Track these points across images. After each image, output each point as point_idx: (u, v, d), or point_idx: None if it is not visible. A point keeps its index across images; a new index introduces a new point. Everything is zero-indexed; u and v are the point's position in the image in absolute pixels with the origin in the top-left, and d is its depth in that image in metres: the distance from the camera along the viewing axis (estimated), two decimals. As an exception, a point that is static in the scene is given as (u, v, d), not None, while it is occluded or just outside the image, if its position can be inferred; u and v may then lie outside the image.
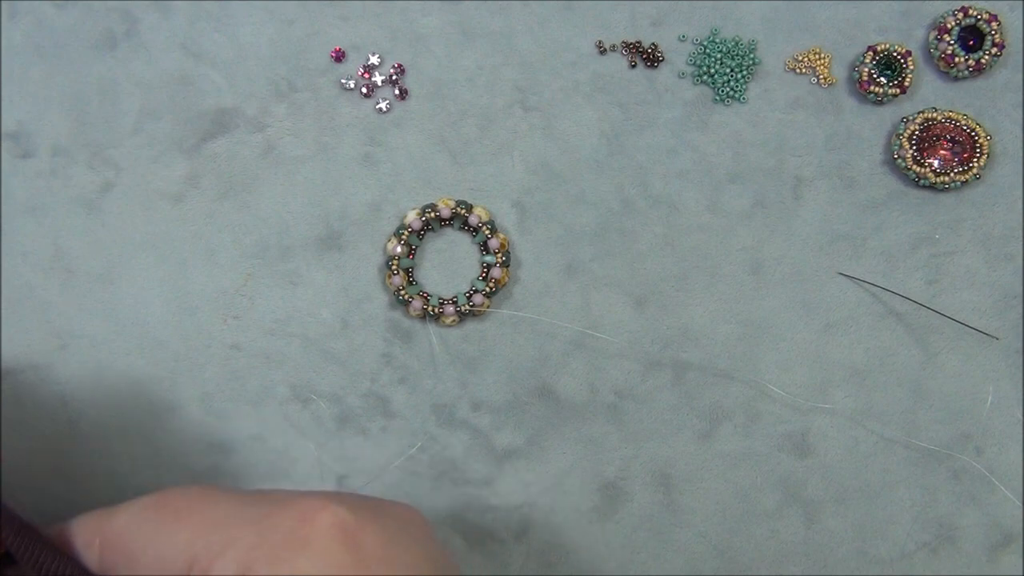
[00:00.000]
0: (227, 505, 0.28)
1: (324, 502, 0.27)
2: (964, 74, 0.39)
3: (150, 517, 0.28)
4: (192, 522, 0.28)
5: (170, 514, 0.28)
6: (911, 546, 0.39)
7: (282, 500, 0.28)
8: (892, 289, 0.39)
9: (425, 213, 0.38)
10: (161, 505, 0.28)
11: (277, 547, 0.26)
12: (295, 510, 0.27)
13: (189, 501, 0.28)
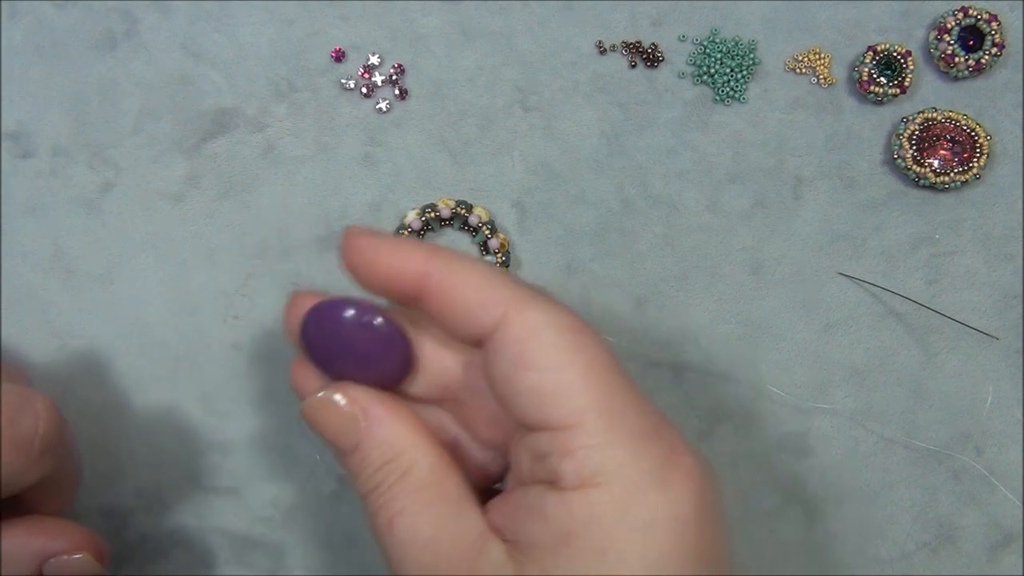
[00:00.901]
0: (632, 386, 0.27)
1: (684, 447, 0.27)
2: (964, 74, 0.39)
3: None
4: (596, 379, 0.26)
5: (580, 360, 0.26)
6: (911, 546, 0.39)
7: (656, 418, 0.27)
8: (892, 289, 0.39)
9: (425, 213, 0.38)
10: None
11: (640, 477, 0.26)
12: (665, 443, 0.26)
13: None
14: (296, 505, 0.39)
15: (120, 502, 0.38)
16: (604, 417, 0.26)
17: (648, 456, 0.26)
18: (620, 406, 0.26)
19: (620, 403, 0.26)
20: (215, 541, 0.38)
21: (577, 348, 0.26)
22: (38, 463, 0.30)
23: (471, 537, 0.27)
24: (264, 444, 0.39)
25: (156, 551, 0.38)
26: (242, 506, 0.39)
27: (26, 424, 0.30)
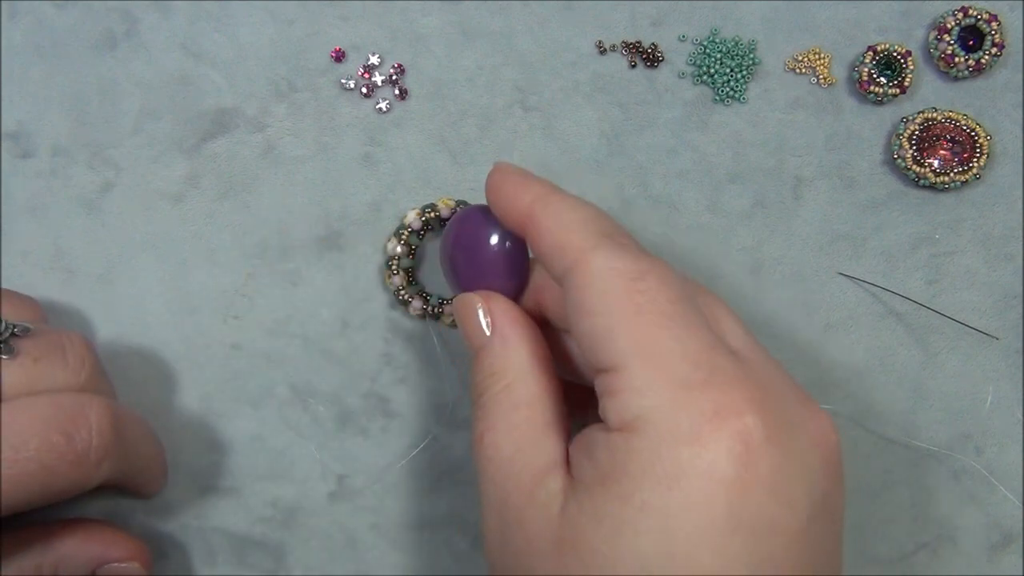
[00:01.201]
0: (695, 336, 0.26)
1: (744, 406, 0.25)
2: (964, 74, 0.39)
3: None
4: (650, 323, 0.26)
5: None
6: (911, 546, 0.39)
7: (716, 373, 0.26)
8: (892, 289, 0.39)
9: (425, 213, 0.38)
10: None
11: (677, 427, 0.25)
12: (716, 398, 0.25)
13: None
14: (296, 505, 0.39)
15: (121, 502, 0.38)
16: (649, 362, 0.26)
17: (693, 407, 0.25)
18: (668, 352, 0.26)
19: (669, 349, 0.26)
20: (215, 541, 0.38)
21: (632, 293, 0.26)
22: (96, 471, 0.31)
23: (539, 466, 0.28)
24: (264, 444, 0.39)
25: (156, 551, 0.38)
26: (242, 506, 0.39)
27: (81, 438, 0.30)
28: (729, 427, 0.25)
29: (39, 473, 0.29)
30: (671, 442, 0.25)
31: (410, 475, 0.39)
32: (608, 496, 0.25)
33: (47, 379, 0.31)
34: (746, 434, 0.25)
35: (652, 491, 0.25)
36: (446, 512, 0.39)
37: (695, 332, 0.26)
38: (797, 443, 0.26)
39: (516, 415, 0.29)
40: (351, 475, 0.39)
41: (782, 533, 0.25)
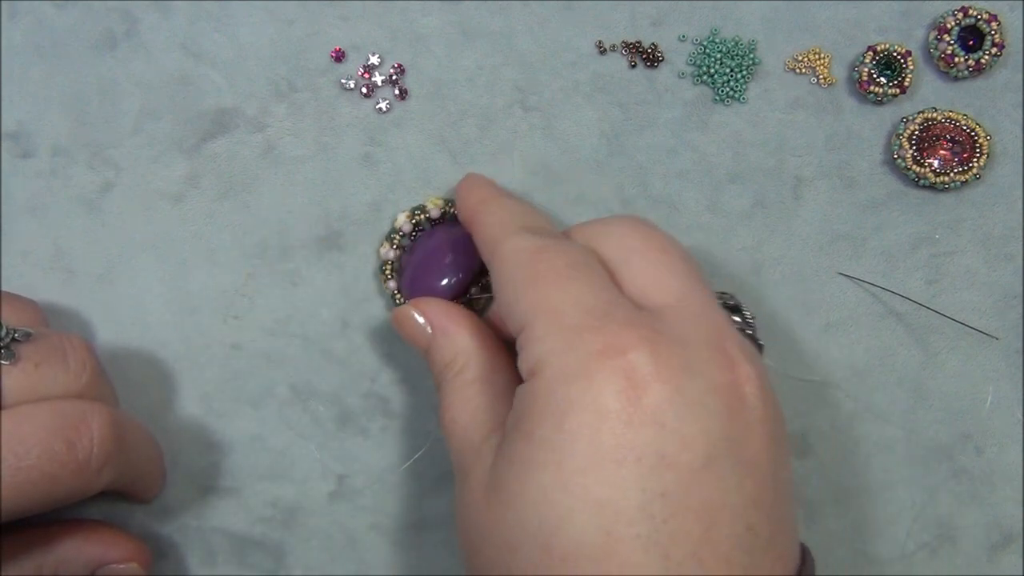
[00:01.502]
0: (590, 291, 0.29)
1: (631, 344, 0.27)
2: (964, 74, 0.39)
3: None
4: (549, 291, 0.29)
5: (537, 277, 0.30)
6: (911, 546, 0.39)
7: (608, 319, 0.28)
8: (892, 289, 0.39)
9: (415, 215, 0.38)
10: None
11: (567, 365, 0.27)
12: (604, 339, 0.27)
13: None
14: (296, 505, 0.39)
15: (120, 502, 0.38)
16: (545, 315, 0.28)
17: (581, 347, 0.27)
18: (562, 305, 0.28)
19: (563, 302, 0.28)
20: (215, 541, 0.38)
21: (532, 263, 0.30)
22: (96, 478, 0.31)
23: (488, 427, 0.31)
24: (264, 444, 0.39)
25: (156, 551, 0.38)
26: (242, 506, 0.39)
27: (82, 447, 0.31)
28: (613, 363, 0.27)
29: (40, 481, 0.30)
30: (562, 380, 0.27)
31: (410, 475, 0.39)
32: (517, 437, 0.28)
33: (48, 384, 0.32)
34: (630, 370, 0.27)
35: (547, 427, 0.27)
36: (446, 512, 0.39)
37: (591, 288, 0.29)
38: (693, 384, 0.27)
39: (469, 390, 0.32)
40: (351, 475, 0.39)
41: (673, 468, 0.26)
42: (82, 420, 0.31)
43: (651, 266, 0.30)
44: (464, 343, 0.33)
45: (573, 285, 0.29)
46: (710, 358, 0.28)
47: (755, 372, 0.28)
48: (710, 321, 0.29)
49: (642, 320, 0.28)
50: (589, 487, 0.26)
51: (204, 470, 0.39)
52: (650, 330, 0.28)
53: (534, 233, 0.31)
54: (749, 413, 0.28)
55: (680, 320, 0.29)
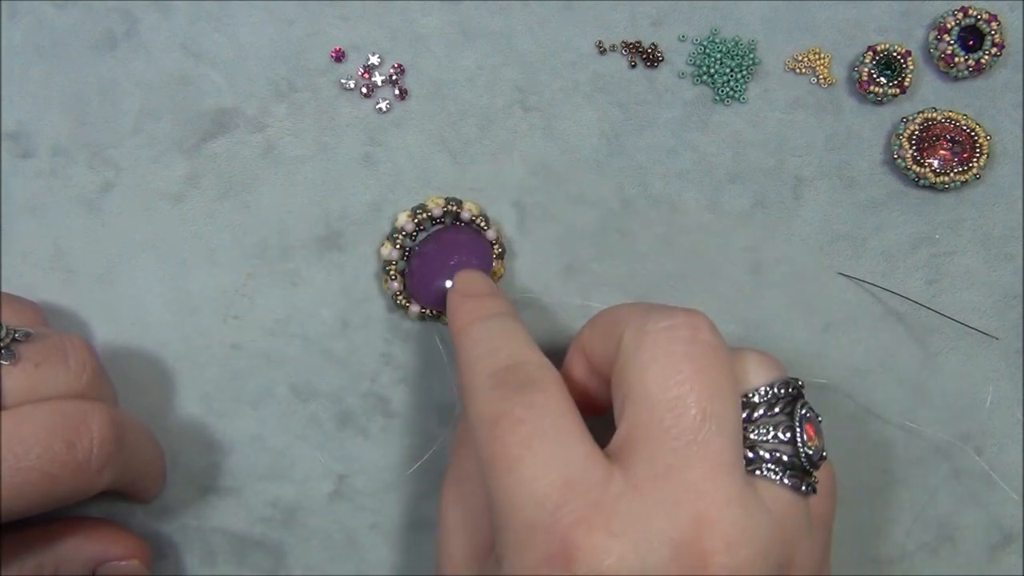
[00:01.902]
0: (544, 473, 0.27)
1: (580, 549, 0.26)
2: (964, 74, 0.39)
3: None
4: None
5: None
6: (911, 546, 0.39)
7: (561, 512, 0.26)
8: (892, 289, 0.39)
9: (417, 214, 0.38)
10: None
11: (517, 568, 0.26)
12: (551, 542, 0.26)
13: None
14: (296, 505, 0.39)
15: (120, 502, 0.38)
16: (502, 504, 0.27)
17: (530, 550, 0.26)
18: (513, 496, 0.27)
19: (513, 494, 0.27)
20: (215, 541, 0.38)
21: (490, 442, 0.28)
22: (97, 479, 0.31)
23: (467, 550, 0.31)
24: (264, 444, 0.39)
25: (156, 551, 0.38)
26: (242, 506, 0.39)
27: (82, 447, 0.31)
28: (558, 573, 0.25)
29: (41, 481, 0.30)
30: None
31: (410, 475, 0.39)
32: None
33: (49, 384, 0.31)
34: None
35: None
36: (446, 512, 0.39)
37: (543, 471, 0.27)
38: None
39: (464, 487, 0.32)
40: (351, 475, 0.39)
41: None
42: (82, 420, 0.31)
43: (647, 428, 0.27)
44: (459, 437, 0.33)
45: (526, 469, 0.27)
46: (671, 559, 0.26)
47: (738, 562, 0.26)
48: (691, 507, 0.26)
49: (600, 514, 0.26)
50: None
51: (204, 470, 0.39)
52: (604, 532, 0.25)
53: (497, 387, 0.29)
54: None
55: (651, 507, 0.26)
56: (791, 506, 0.28)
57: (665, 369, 0.27)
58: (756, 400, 0.29)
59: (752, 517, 0.26)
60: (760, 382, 0.29)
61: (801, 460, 0.28)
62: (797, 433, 0.28)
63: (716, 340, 0.28)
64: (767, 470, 0.28)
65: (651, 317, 0.28)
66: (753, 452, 0.28)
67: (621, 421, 0.28)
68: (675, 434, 0.27)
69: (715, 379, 0.27)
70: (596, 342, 0.31)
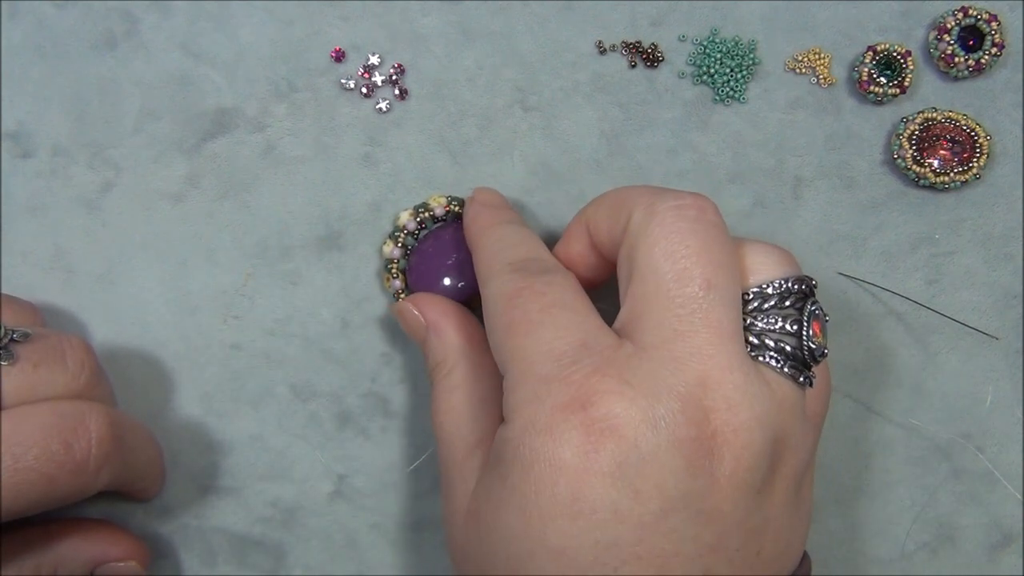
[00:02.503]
0: (561, 335, 0.29)
1: (595, 395, 0.27)
2: (964, 74, 0.39)
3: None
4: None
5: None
6: (911, 546, 0.39)
7: (576, 367, 0.28)
8: (892, 289, 0.39)
9: (419, 213, 0.38)
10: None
11: (534, 417, 0.28)
12: (568, 391, 0.28)
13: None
14: (296, 505, 0.39)
15: (121, 501, 0.38)
16: (518, 365, 0.29)
17: (547, 399, 0.28)
18: (532, 353, 0.29)
19: (533, 350, 0.29)
20: (215, 541, 0.38)
21: (507, 311, 0.30)
22: (95, 479, 0.31)
23: (470, 443, 0.32)
24: (264, 444, 0.39)
25: (156, 551, 0.38)
26: (242, 506, 0.39)
27: (80, 448, 0.31)
28: (575, 418, 0.27)
29: (38, 482, 0.30)
30: (530, 432, 0.28)
31: (410, 475, 0.39)
32: (495, 476, 0.29)
33: (47, 385, 0.32)
34: (590, 424, 0.27)
35: (516, 474, 0.28)
36: (446, 512, 0.39)
37: (563, 331, 0.29)
38: (652, 438, 0.27)
39: (454, 397, 0.33)
40: (351, 475, 0.39)
41: (626, 520, 0.27)
42: (80, 421, 0.31)
43: (654, 298, 0.29)
44: (453, 344, 0.34)
45: (545, 331, 0.29)
46: (678, 411, 0.27)
47: (738, 422, 0.28)
48: (696, 368, 0.28)
49: (612, 368, 0.28)
50: (547, 536, 0.27)
51: (204, 470, 0.39)
52: (617, 381, 0.27)
53: (517, 272, 0.31)
54: (716, 467, 0.27)
55: (658, 366, 0.28)
56: (789, 392, 0.30)
57: (672, 243, 0.29)
58: (769, 291, 0.30)
59: (753, 385, 0.28)
60: (775, 275, 0.30)
61: (803, 353, 0.30)
62: (804, 327, 0.30)
63: (720, 221, 0.30)
64: (770, 357, 0.29)
65: (661, 196, 0.30)
66: (758, 339, 0.30)
67: (627, 296, 0.30)
68: (680, 302, 0.28)
69: (718, 255, 0.29)
70: (602, 219, 0.32)
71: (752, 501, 0.28)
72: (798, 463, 0.30)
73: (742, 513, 0.28)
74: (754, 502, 0.28)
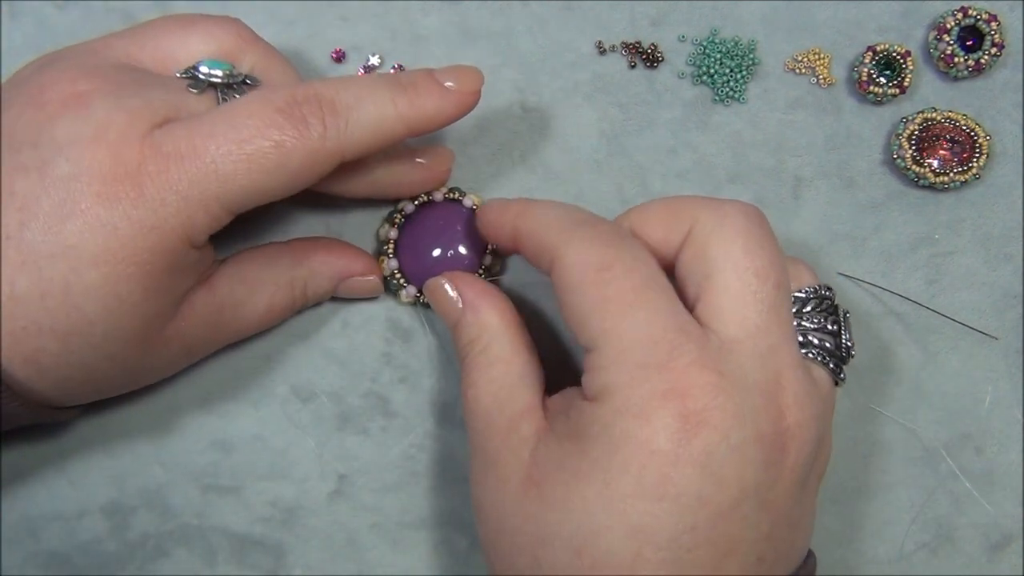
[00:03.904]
0: (658, 319, 0.30)
1: (691, 389, 0.28)
2: (964, 74, 0.39)
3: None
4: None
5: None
6: (910, 546, 0.39)
7: (674, 355, 0.29)
8: (892, 289, 0.39)
9: (418, 197, 0.38)
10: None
11: (629, 401, 0.28)
12: (667, 379, 0.28)
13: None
14: (296, 505, 0.39)
15: (121, 501, 0.38)
16: (612, 345, 0.29)
17: (646, 385, 0.28)
18: (629, 336, 0.29)
19: (630, 333, 0.29)
20: (215, 541, 0.39)
21: (598, 284, 0.30)
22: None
23: (514, 412, 0.32)
24: (264, 444, 0.39)
25: (157, 550, 0.38)
26: (242, 506, 0.39)
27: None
28: (672, 406, 0.28)
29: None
30: (623, 414, 0.28)
31: (410, 475, 0.39)
32: (572, 448, 0.29)
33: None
34: (687, 413, 0.28)
35: (602, 451, 0.29)
36: (446, 512, 0.39)
37: (658, 316, 0.29)
38: (740, 431, 0.28)
39: (492, 371, 0.33)
40: (351, 475, 0.39)
41: (707, 506, 0.28)
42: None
43: (738, 293, 0.30)
44: (491, 321, 0.34)
45: (641, 313, 0.29)
46: (763, 407, 0.29)
47: (803, 419, 0.30)
48: (774, 365, 0.30)
49: (707, 359, 0.29)
50: (628, 512, 0.28)
51: (204, 470, 0.39)
52: (714, 373, 0.29)
53: (593, 239, 0.31)
54: (784, 460, 0.29)
55: (745, 360, 0.29)
56: (829, 389, 0.32)
57: (749, 243, 0.30)
58: (805, 296, 0.32)
59: (810, 384, 0.31)
60: (811, 281, 0.33)
61: (841, 351, 0.33)
62: (841, 327, 0.33)
63: (771, 228, 0.32)
64: (816, 354, 0.32)
65: (723, 202, 0.32)
66: (804, 338, 0.32)
67: (705, 292, 0.30)
68: (761, 297, 0.30)
69: (780, 258, 0.31)
70: (655, 226, 0.33)
71: (799, 494, 0.30)
72: (826, 459, 0.32)
73: (792, 504, 0.30)
74: (800, 495, 0.30)
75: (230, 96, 0.33)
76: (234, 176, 0.30)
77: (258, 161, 0.30)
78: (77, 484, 0.38)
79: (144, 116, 0.30)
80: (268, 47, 0.35)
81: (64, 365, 0.31)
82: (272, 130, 0.30)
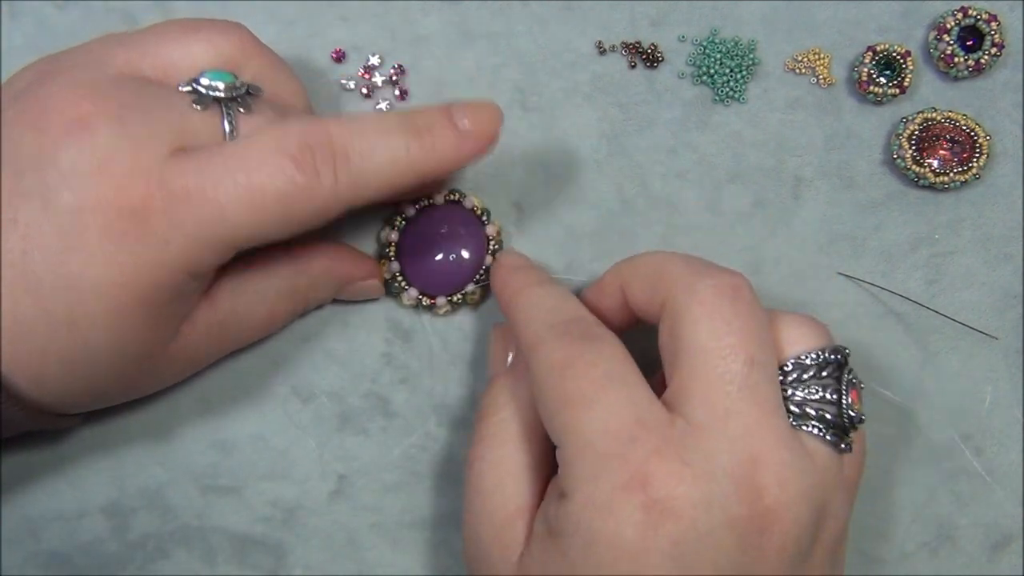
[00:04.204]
0: (618, 411, 0.29)
1: (655, 475, 0.28)
2: (964, 74, 0.39)
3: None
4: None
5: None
6: (911, 546, 0.39)
7: (635, 444, 0.28)
8: (892, 289, 0.39)
9: (419, 201, 0.38)
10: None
11: (593, 495, 0.28)
12: (628, 470, 0.28)
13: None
14: (296, 505, 0.39)
15: (122, 501, 0.38)
16: (574, 440, 0.29)
17: (606, 478, 0.28)
18: (589, 429, 0.29)
19: (589, 426, 0.29)
20: (216, 541, 0.39)
21: (561, 383, 0.30)
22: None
23: (511, 509, 0.32)
24: (264, 444, 0.39)
25: (157, 550, 0.38)
26: (242, 506, 0.39)
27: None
28: (634, 498, 0.27)
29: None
30: (590, 509, 0.28)
31: (410, 475, 0.39)
32: (552, 550, 0.29)
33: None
34: (650, 503, 0.27)
35: (576, 550, 0.28)
36: (446, 512, 0.39)
37: (616, 408, 0.29)
38: (709, 517, 0.27)
39: (502, 450, 0.33)
40: (351, 475, 0.39)
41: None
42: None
43: (703, 376, 0.29)
44: (522, 396, 0.33)
45: (600, 408, 0.29)
46: (733, 491, 0.28)
47: (787, 498, 0.28)
48: (747, 447, 0.29)
49: (670, 448, 0.28)
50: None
51: (204, 470, 0.39)
52: (676, 461, 0.28)
53: (562, 336, 0.31)
54: (765, 542, 0.28)
55: (713, 445, 0.28)
56: (829, 460, 0.30)
57: (715, 322, 0.29)
58: (807, 362, 0.31)
59: (799, 460, 0.29)
60: (811, 346, 0.31)
61: (843, 420, 0.31)
62: (843, 395, 0.31)
63: (755, 297, 0.31)
64: (812, 426, 0.30)
65: (699, 275, 0.31)
66: (800, 409, 0.30)
67: (675, 373, 0.30)
68: (728, 379, 0.29)
69: (757, 331, 0.30)
70: (639, 289, 0.32)
71: (796, 569, 0.29)
72: (837, 529, 0.31)
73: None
74: (798, 570, 0.29)
75: (234, 109, 0.32)
76: (241, 220, 0.30)
77: (267, 208, 0.30)
78: (77, 484, 0.38)
79: (149, 147, 0.30)
80: (272, 54, 0.35)
81: (67, 383, 0.31)
82: (282, 178, 0.30)
